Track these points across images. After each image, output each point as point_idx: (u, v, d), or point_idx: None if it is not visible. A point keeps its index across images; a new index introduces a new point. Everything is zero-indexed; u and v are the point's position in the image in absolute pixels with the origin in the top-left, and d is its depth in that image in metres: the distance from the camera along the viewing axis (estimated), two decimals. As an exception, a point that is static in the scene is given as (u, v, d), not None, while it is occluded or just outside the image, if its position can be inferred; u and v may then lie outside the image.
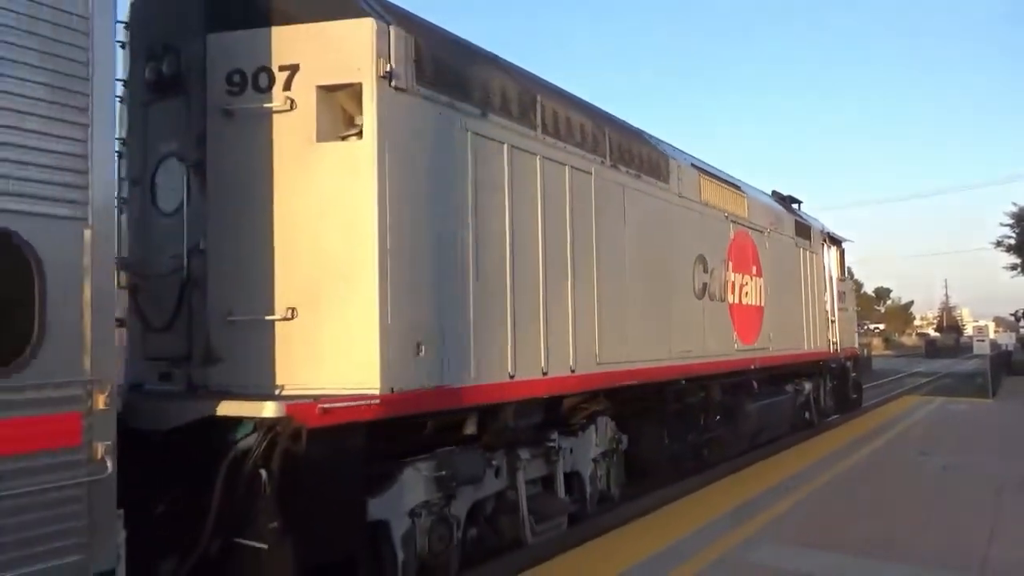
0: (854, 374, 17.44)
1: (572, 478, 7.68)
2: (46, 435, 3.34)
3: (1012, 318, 63.80)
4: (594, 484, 8.01)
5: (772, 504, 8.08)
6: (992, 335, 46.92)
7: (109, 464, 3.53)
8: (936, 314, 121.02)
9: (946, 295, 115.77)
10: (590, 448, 7.94)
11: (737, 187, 11.41)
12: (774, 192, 14.83)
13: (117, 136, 5.11)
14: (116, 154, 4.80)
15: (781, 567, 6.13)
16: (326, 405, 4.61)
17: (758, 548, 6.54)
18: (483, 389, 5.85)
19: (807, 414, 14.47)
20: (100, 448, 3.52)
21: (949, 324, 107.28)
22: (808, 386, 14.33)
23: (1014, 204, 41.44)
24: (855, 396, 17.57)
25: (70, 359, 3.44)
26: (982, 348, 25.39)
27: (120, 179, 5.41)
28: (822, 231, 15.55)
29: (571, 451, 7.57)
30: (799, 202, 15.80)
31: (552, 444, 7.18)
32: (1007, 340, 48.39)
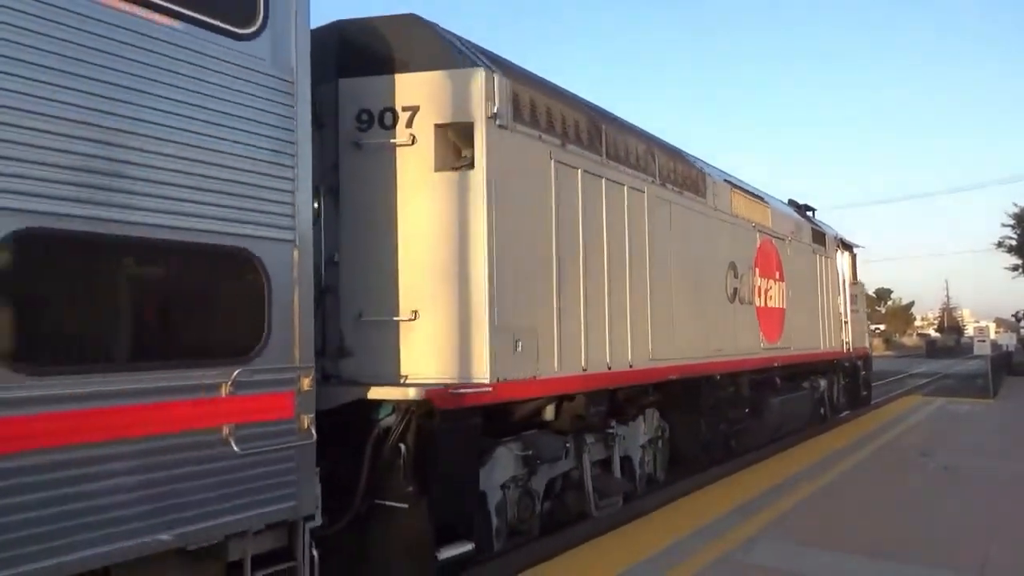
0: (864, 372, 18.41)
1: (624, 462, 8.66)
2: (272, 409, 4.32)
3: (1013, 319, 64.46)
4: (642, 468, 9.00)
5: (774, 502, 8.25)
6: (993, 336, 47.47)
7: (312, 433, 4.51)
8: (937, 315, 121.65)
9: (947, 296, 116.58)
10: (639, 435, 8.93)
11: (762, 199, 12.40)
12: (791, 201, 15.82)
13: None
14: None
15: (781, 567, 6.16)
16: (454, 391, 5.59)
17: (759, 547, 6.64)
18: (564, 380, 6.84)
19: (822, 410, 15.43)
20: (306, 420, 4.51)
21: (950, 325, 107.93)
22: (823, 383, 15.30)
23: (1015, 204, 41.86)
24: (865, 393, 18.55)
25: (285, 351, 4.42)
26: (983, 349, 25.38)
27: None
28: (836, 237, 16.53)
29: (624, 438, 8.55)
30: (814, 210, 16.81)
31: (611, 431, 8.16)
32: (1008, 341, 48.83)
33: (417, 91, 6.10)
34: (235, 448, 4.05)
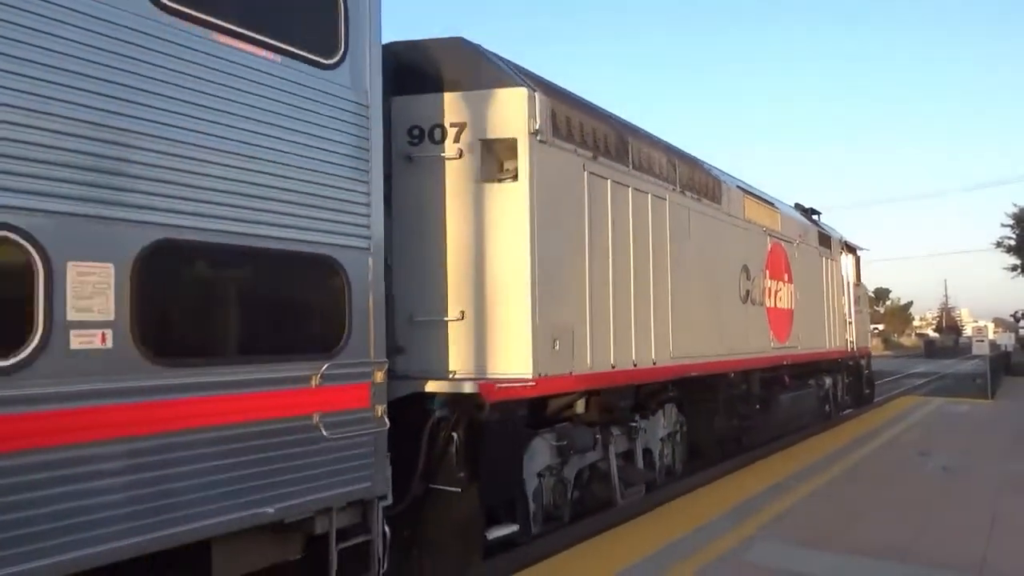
0: (867, 371, 18.96)
1: (646, 454, 9.18)
2: (352, 399, 4.84)
3: (1011, 319, 64.85)
4: (662, 460, 9.53)
5: (773, 502, 8.32)
6: (991, 336, 47.79)
7: (385, 421, 5.04)
8: (935, 315, 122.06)
9: (945, 296, 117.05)
10: (659, 429, 9.46)
11: (772, 204, 12.93)
12: (797, 204, 16.35)
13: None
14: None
15: (780, 567, 6.16)
16: (502, 385, 6.12)
17: (758, 546, 6.67)
18: (596, 376, 7.37)
19: (827, 407, 15.98)
20: (379, 409, 5.03)
21: (948, 325, 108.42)
22: (828, 381, 15.85)
23: (1015, 205, 42.59)
24: (868, 391, 19.11)
25: (363, 347, 4.94)
26: (981, 349, 24.89)
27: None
28: (840, 240, 17.07)
29: (646, 431, 9.07)
30: (819, 213, 17.35)
31: (634, 424, 8.68)
32: (1006, 341, 49.11)
33: (464, 108, 6.62)
34: (324, 433, 4.57)
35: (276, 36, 4.50)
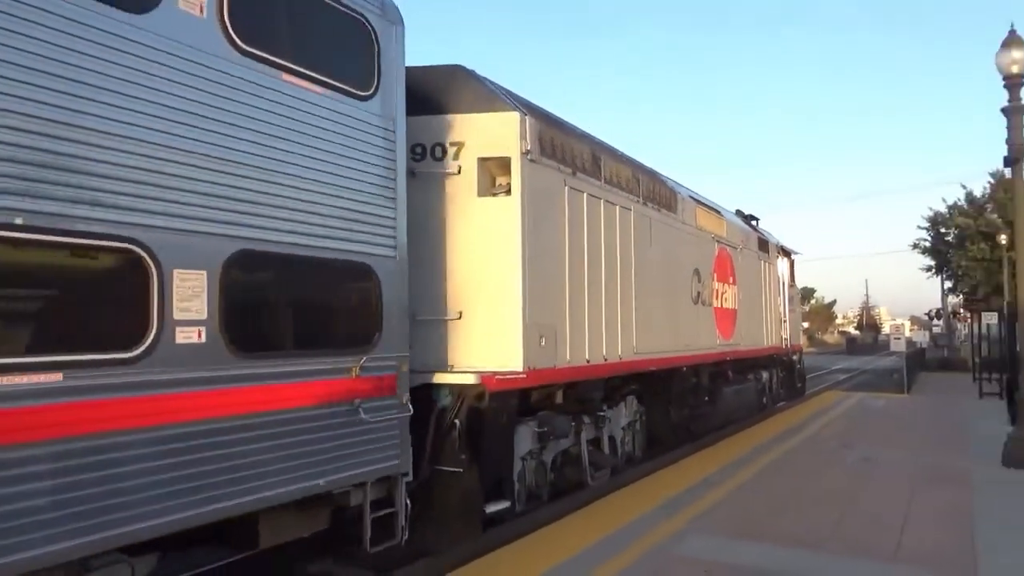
0: (799, 366, 20.42)
1: (610, 441, 10.09)
2: (383, 388, 5.57)
3: (926, 317, 68.70)
4: (623, 446, 10.47)
5: (703, 495, 8.55)
6: (908, 333, 50.66)
7: (409, 407, 5.77)
8: (857, 313, 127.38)
9: (866, 295, 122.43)
10: (622, 418, 10.39)
11: (719, 212, 14.05)
12: (738, 211, 17.55)
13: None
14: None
15: (710, 559, 6.29)
16: (499, 376, 6.90)
17: (688, 540, 6.82)
18: (575, 369, 8.23)
19: (764, 399, 17.27)
20: (404, 397, 5.77)
21: (868, 323, 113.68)
22: (765, 375, 17.14)
23: (930, 209, 43.85)
24: (800, 385, 20.58)
25: (391, 342, 5.67)
26: (898, 345, 25.92)
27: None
28: (777, 245, 18.40)
29: (611, 420, 9.98)
30: (758, 219, 18.63)
31: (602, 414, 9.59)
32: (921, 338, 52.57)
33: (463, 129, 7.37)
34: (363, 417, 5.29)
35: (323, 72, 5.19)
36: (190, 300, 4.16)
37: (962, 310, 44.63)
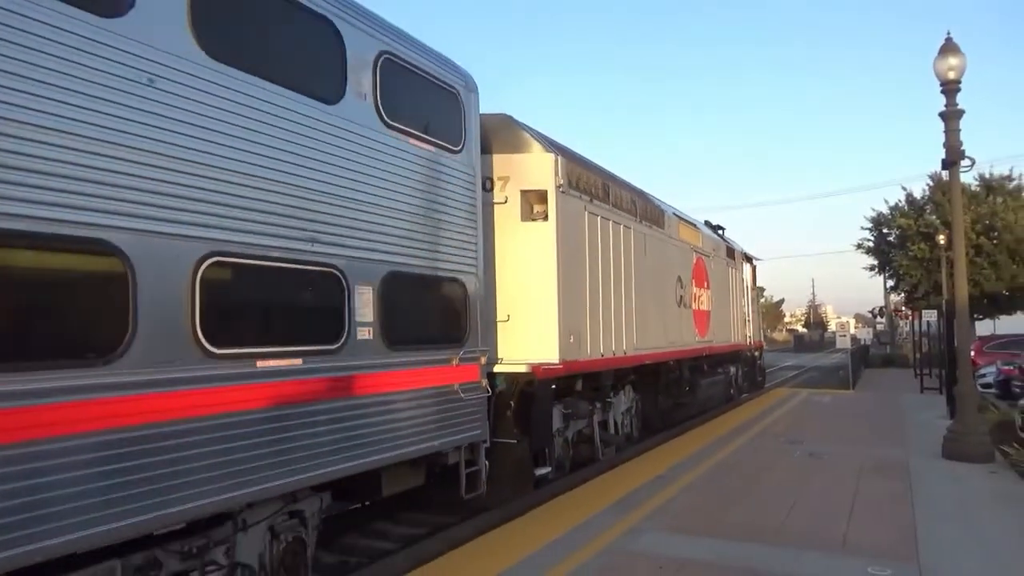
0: (760, 362, 22.59)
1: (613, 424, 11.92)
2: (471, 374, 7.26)
3: (870, 315, 71.40)
4: (623, 428, 12.30)
5: (655, 493, 8.71)
6: (852, 331, 51.99)
7: (488, 389, 7.48)
8: (804, 311, 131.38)
9: (813, 293, 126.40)
10: (622, 404, 12.22)
11: (695, 225, 16.01)
12: (707, 222, 19.59)
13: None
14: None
15: (662, 554, 6.43)
16: (544, 367, 8.64)
17: (641, 537, 6.94)
18: (594, 362, 10.01)
19: (731, 390, 19.33)
20: (484, 382, 7.47)
21: (815, 321, 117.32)
22: (732, 369, 19.20)
23: (873, 209, 44.70)
24: (760, 379, 22.75)
25: (475, 340, 7.36)
26: (844, 343, 26.71)
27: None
28: (742, 252, 20.50)
29: (614, 405, 11.80)
30: (724, 229, 20.70)
31: (609, 400, 11.40)
32: (865, 335, 54.96)
33: (509, 166, 9.09)
34: (461, 396, 6.98)
35: (433, 135, 6.87)
36: (364, 308, 5.81)
37: (904, 308, 45.06)
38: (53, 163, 3.82)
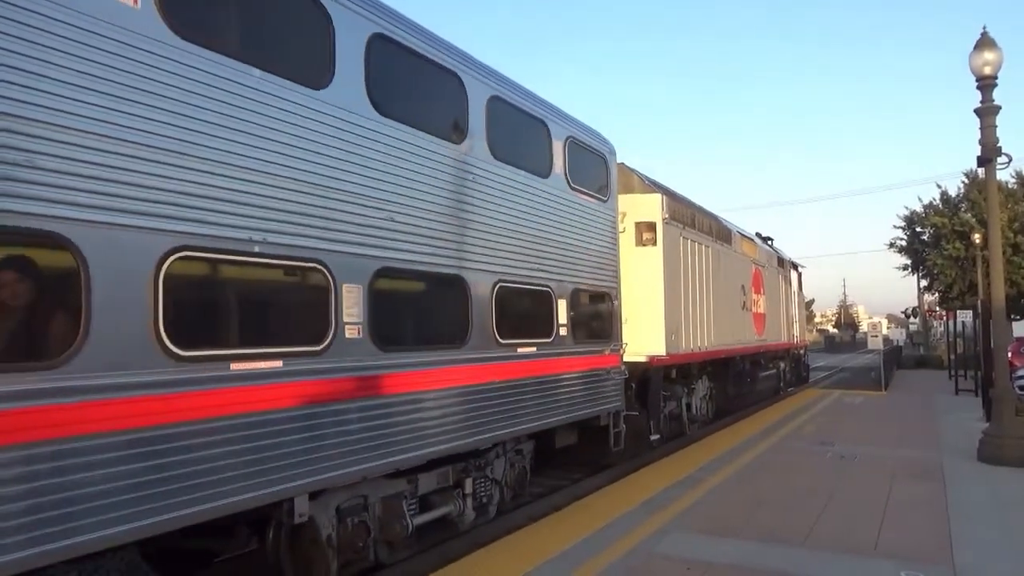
0: (805, 359, 25.12)
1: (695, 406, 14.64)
2: (615, 361, 10.01)
3: (902, 315, 71.37)
4: (700, 410, 15.01)
5: (681, 495, 8.66)
6: (885, 331, 51.39)
7: (625, 372, 10.24)
8: (835, 311, 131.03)
9: (844, 293, 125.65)
10: (701, 390, 14.93)
11: (752, 240, 18.66)
12: (758, 233, 22.17)
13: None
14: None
15: (688, 557, 6.34)
16: (656, 358, 11.40)
17: (668, 537, 6.91)
18: (686, 355, 12.75)
19: (780, 384, 21.91)
20: (622, 367, 10.23)
21: (846, 321, 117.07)
22: (782, 365, 21.79)
23: (906, 208, 43.80)
24: (804, 374, 25.30)
25: (617, 336, 10.12)
26: (875, 344, 25.48)
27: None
28: (789, 261, 23.07)
29: (695, 391, 14.51)
30: (772, 239, 23.26)
31: (694, 386, 14.12)
32: (898, 336, 55.87)
33: (626, 204, 11.83)
34: (611, 376, 9.75)
35: (592, 191, 9.63)
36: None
37: (937, 308, 43.32)
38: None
